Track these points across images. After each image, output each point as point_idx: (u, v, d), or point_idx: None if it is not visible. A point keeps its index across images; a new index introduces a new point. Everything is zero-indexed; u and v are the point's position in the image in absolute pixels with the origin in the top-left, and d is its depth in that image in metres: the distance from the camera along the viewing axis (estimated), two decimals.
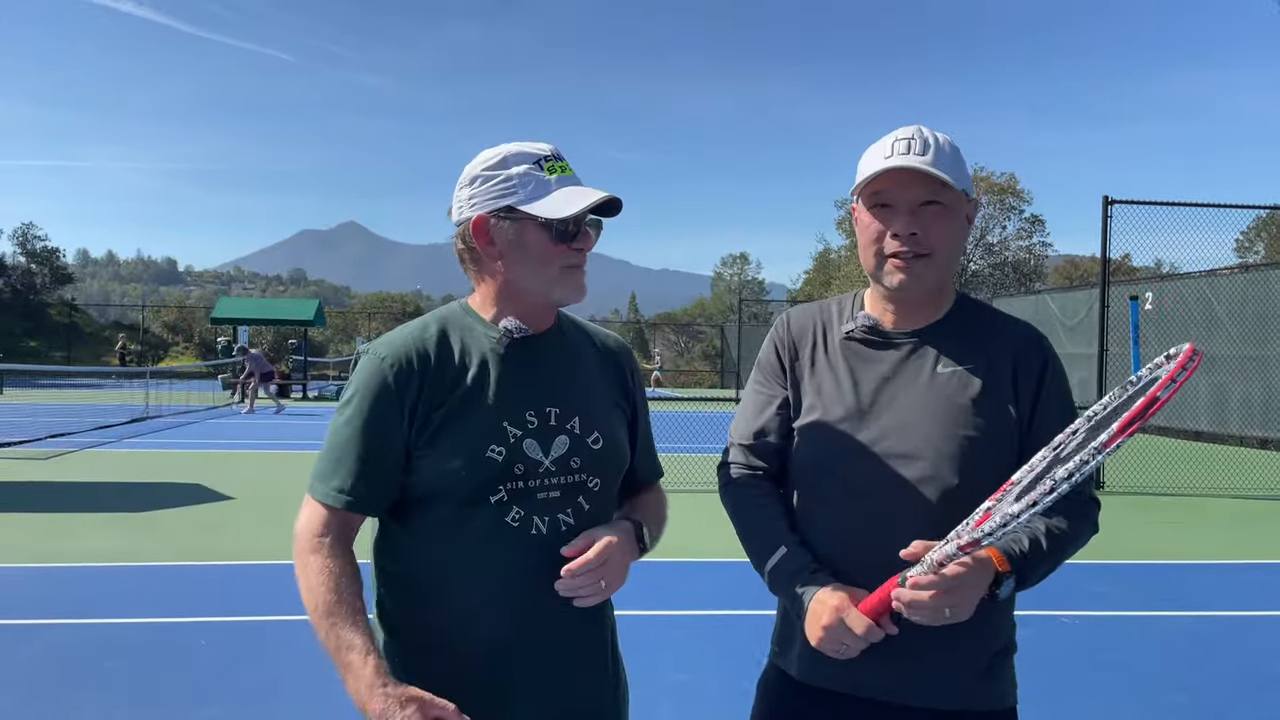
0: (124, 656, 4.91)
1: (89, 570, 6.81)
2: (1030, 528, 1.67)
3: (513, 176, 1.69)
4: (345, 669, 1.55)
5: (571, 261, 1.71)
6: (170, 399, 23.32)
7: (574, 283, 1.73)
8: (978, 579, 1.56)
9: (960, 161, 1.74)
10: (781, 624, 1.89)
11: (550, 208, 1.66)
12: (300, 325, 30.88)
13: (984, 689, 1.75)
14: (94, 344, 47.22)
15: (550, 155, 1.72)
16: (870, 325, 1.82)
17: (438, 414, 1.66)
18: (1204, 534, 9.14)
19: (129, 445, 15.01)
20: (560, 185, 1.70)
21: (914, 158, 1.69)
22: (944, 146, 1.72)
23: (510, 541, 1.66)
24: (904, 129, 1.75)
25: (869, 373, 1.79)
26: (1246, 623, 6.03)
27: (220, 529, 8.36)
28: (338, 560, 1.62)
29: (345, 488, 1.65)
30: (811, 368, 1.85)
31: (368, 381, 1.67)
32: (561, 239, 1.69)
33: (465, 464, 1.64)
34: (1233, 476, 12.65)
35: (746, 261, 77.65)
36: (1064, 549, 1.70)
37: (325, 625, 1.57)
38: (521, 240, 1.69)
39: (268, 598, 6.09)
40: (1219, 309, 18.22)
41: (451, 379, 1.69)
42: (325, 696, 4.35)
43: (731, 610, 5.98)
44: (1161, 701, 4.54)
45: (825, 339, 1.86)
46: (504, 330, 1.73)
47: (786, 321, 1.93)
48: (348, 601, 1.58)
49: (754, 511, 1.84)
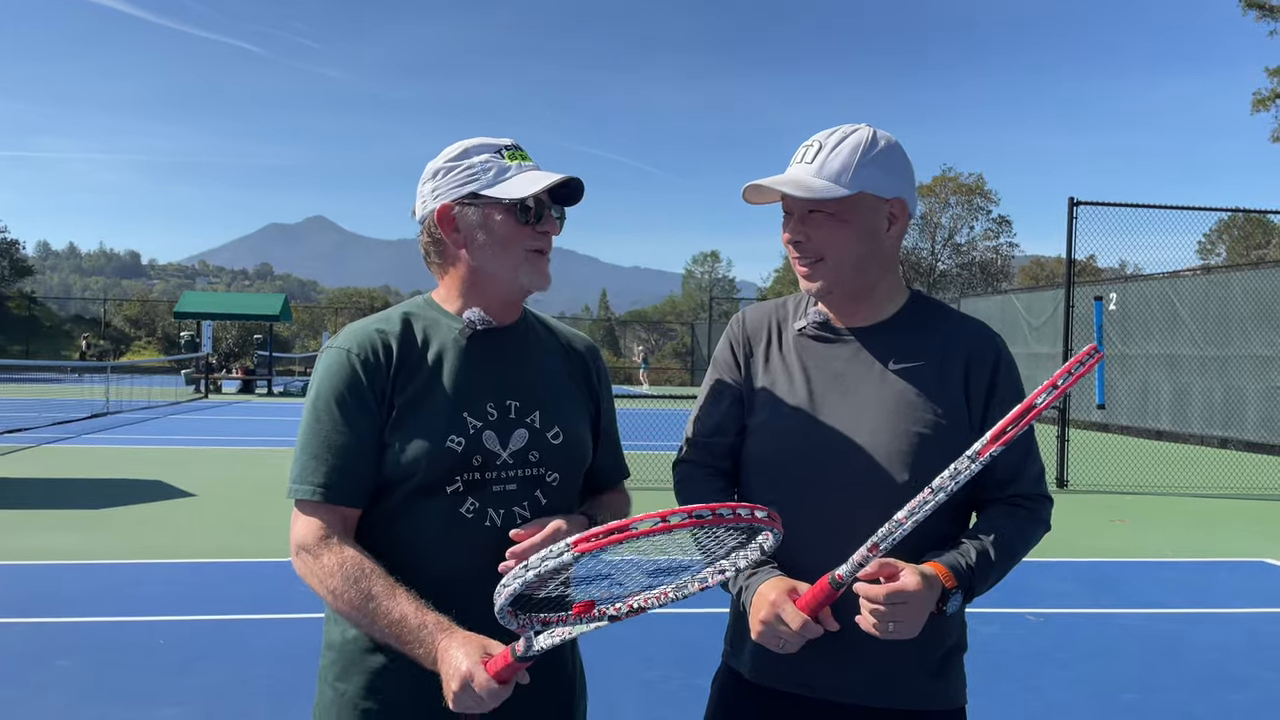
0: (80, 656, 4.82)
1: (45, 568, 6.67)
2: (978, 538, 1.68)
3: (474, 164, 1.70)
4: (407, 645, 1.55)
5: (535, 245, 1.71)
6: (132, 394, 22.96)
7: (538, 268, 1.72)
8: (923, 599, 1.56)
9: (873, 164, 1.73)
10: (734, 623, 1.89)
11: (512, 189, 1.67)
12: (266, 320, 30.56)
13: (934, 689, 1.75)
14: (54, 338, 46.44)
15: (510, 145, 1.74)
16: (821, 321, 1.83)
17: (400, 402, 1.66)
18: (1164, 532, 9.27)
19: (88, 441, 14.77)
20: (520, 170, 1.70)
21: (799, 168, 1.75)
22: (840, 152, 1.73)
23: (464, 532, 1.65)
24: (820, 133, 1.79)
25: (821, 369, 1.80)
26: (1202, 620, 6.11)
27: (180, 526, 8.24)
28: (348, 550, 1.61)
29: (326, 481, 1.63)
30: (766, 364, 1.86)
31: (335, 374, 1.66)
32: (525, 221, 1.69)
33: (425, 453, 1.63)
34: (1193, 475, 12.85)
35: (717, 259, 77.99)
36: (1014, 553, 1.70)
37: (367, 615, 1.57)
38: (486, 225, 1.69)
39: (227, 596, 6.00)
40: (1181, 310, 18.51)
41: (413, 368, 1.68)
42: (286, 697, 4.29)
43: (697, 609, 5.97)
44: (1113, 700, 4.58)
45: (780, 336, 1.88)
46: (467, 321, 1.72)
47: (742, 319, 1.95)
48: (378, 580, 1.57)
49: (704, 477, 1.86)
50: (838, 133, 1.77)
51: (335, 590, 1.58)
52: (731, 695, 1.86)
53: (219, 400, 25.84)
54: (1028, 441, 1.75)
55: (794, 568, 1.70)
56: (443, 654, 1.51)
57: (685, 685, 4.59)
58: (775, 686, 1.78)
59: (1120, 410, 19.49)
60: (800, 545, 1.69)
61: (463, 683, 1.47)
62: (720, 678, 1.92)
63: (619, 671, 4.68)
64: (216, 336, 32.27)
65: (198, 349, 28.84)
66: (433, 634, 1.53)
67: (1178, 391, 18.80)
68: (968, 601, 1.66)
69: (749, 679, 1.81)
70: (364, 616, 1.57)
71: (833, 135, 1.76)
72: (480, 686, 1.46)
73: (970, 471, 1.50)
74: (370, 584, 1.57)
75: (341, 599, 1.58)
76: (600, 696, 1.91)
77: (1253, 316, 16.76)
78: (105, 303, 54.57)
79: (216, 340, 30.54)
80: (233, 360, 36.73)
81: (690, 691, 4.45)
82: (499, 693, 1.48)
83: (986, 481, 1.74)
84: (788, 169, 1.79)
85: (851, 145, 1.74)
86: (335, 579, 1.58)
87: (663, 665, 4.88)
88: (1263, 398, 16.65)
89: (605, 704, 1.95)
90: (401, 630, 1.55)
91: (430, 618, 1.55)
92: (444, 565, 1.64)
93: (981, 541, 1.68)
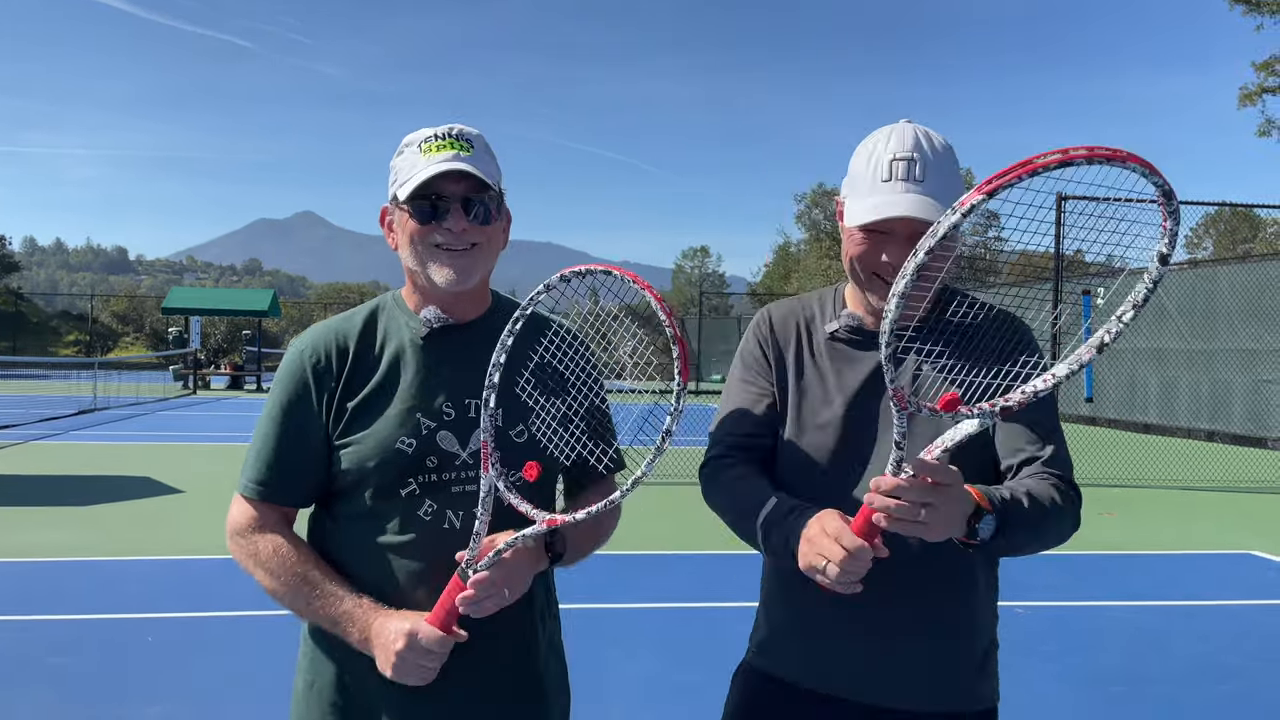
0: (69, 653, 4.79)
1: (33, 565, 6.64)
2: (1011, 487, 1.60)
3: (397, 164, 1.69)
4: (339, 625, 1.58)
5: (439, 240, 1.65)
6: (120, 390, 22.84)
7: (444, 263, 1.65)
8: (959, 493, 1.45)
9: (953, 172, 1.66)
10: (764, 624, 1.85)
11: (404, 189, 1.64)
12: (255, 316, 30.39)
13: (978, 688, 1.73)
14: (40, 334, 46.16)
15: (438, 135, 1.66)
16: (854, 325, 1.77)
17: (352, 405, 1.65)
18: (1151, 525, 9.32)
19: (76, 438, 14.69)
20: (429, 165, 1.62)
21: (913, 191, 1.61)
22: (939, 163, 1.63)
23: (422, 535, 1.63)
24: (898, 139, 1.65)
25: (853, 374, 1.75)
26: (1190, 612, 6.15)
27: (168, 523, 8.22)
28: (279, 537, 1.64)
29: (263, 479, 1.66)
30: (798, 368, 1.80)
31: (287, 374, 1.69)
32: (422, 219, 1.64)
33: (375, 455, 1.62)
34: (1181, 468, 12.91)
35: (707, 254, 77.86)
36: (1045, 518, 1.60)
37: (301, 598, 1.60)
38: (401, 225, 1.69)
39: (216, 593, 5.98)
40: (1169, 304, 18.59)
41: (368, 369, 1.68)
42: (274, 693, 4.28)
43: (682, 603, 5.98)
44: (1101, 692, 4.61)
45: (810, 338, 1.81)
46: (424, 320, 1.70)
47: (769, 318, 1.87)
48: (311, 564, 1.61)
49: (740, 483, 1.75)
50: (925, 140, 1.65)
51: (271, 571, 1.62)
52: (762, 697, 1.81)
53: (207, 396, 25.72)
54: (1052, 407, 1.68)
55: None
56: (378, 629, 1.55)
57: (669, 680, 4.59)
58: (814, 688, 1.74)
59: (1108, 404, 19.58)
60: None
61: (408, 638, 1.52)
62: (746, 680, 1.86)
63: (605, 668, 4.69)
64: (205, 332, 32.11)
65: (186, 345, 28.69)
66: (366, 614, 1.57)
67: (1165, 385, 18.89)
68: (999, 541, 1.54)
69: (786, 680, 1.77)
70: (297, 599, 1.61)
71: (920, 144, 1.64)
72: (426, 636, 1.52)
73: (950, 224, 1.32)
74: (304, 568, 1.61)
75: (276, 580, 1.62)
76: (586, 693, 1.90)
77: (1239, 310, 16.85)
78: (93, 299, 54.21)
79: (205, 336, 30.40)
80: (221, 356, 36.58)
81: (676, 687, 4.45)
82: (445, 641, 1.54)
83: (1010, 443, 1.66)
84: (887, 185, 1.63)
85: (948, 158, 1.65)
86: (271, 562, 1.62)
87: (647, 660, 4.88)
88: (1249, 391, 16.75)
89: (591, 700, 1.94)
90: (334, 611, 1.58)
91: (365, 600, 1.59)
92: (405, 568, 1.63)
93: (1012, 490, 1.59)
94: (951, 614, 1.71)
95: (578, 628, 1.97)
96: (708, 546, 7.32)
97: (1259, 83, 30.27)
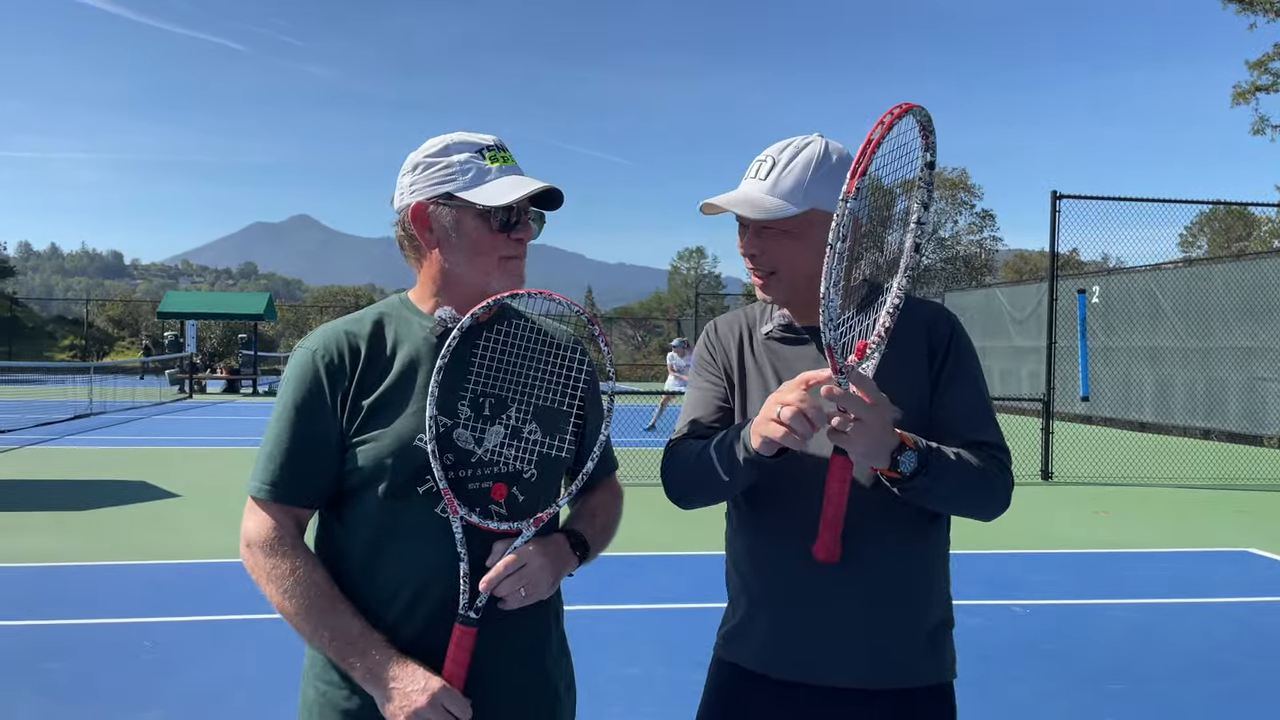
0: (66, 658, 4.78)
1: (29, 570, 6.63)
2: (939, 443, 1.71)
3: (453, 164, 1.68)
4: (347, 656, 1.58)
5: (509, 252, 1.70)
6: (116, 395, 22.79)
7: (511, 273, 1.71)
8: (883, 416, 1.56)
9: (825, 180, 1.75)
10: (729, 617, 1.92)
11: (488, 195, 1.65)
12: (250, 319, 30.38)
13: (926, 665, 1.79)
14: (36, 339, 46.09)
15: (493, 145, 1.72)
16: (785, 324, 1.89)
17: (367, 403, 1.65)
18: (1148, 523, 9.34)
19: (72, 442, 14.66)
20: (502, 174, 1.69)
21: (752, 184, 1.78)
22: (792, 169, 1.76)
23: (439, 532, 1.64)
24: (773, 147, 1.81)
25: (789, 369, 1.83)
26: (1187, 610, 6.16)
27: (165, 527, 8.20)
28: (298, 558, 1.63)
29: (275, 479, 1.65)
30: (741, 370, 1.92)
31: (299, 374, 1.67)
32: (500, 228, 1.68)
33: (392, 453, 1.63)
34: (1177, 466, 12.94)
35: (703, 255, 77.86)
36: (969, 473, 1.69)
37: (310, 621, 1.60)
38: (459, 228, 1.68)
39: (214, 597, 5.97)
40: (1164, 302, 18.63)
41: (382, 369, 1.68)
42: (273, 697, 4.27)
43: (681, 604, 5.98)
44: (1099, 690, 4.61)
45: (750, 341, 1.94)
46: (438, 320, 1.71)
47: (714, 327, 2.01)
48: (325, 590, 1.61)
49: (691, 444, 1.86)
50: (790, 147, 1.80)
51: (286, 591, 1.61)
52: (730, 688, 1.87)
53: (203, 400, 25.69)
54: (978, 384, 1.80)
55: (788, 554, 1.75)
56: (396, 674, 1.56)
57: (668, 681, 4.59)
58: (776, 676, 1.80)
59: (1104, 402, 19.60)
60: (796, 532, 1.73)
61: (431, 699, 1.54)
62: (715, 672, 1.93)
63: (602, 668, 4.69)
64: (201, 336, 32.08)
65: (181, 349, 28.64)
66: (380, 653, 1.58)
67: (1161, 383, 18.92)
68: (923, 481, 1.62)
69: (750, 670, 1.84)
70: (307, 622, 1.60)
71: (785, 150, 1.79)
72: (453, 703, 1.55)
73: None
74: (320, 593, 1.61)
75: (290, 600, 1.61)
76: (586, 693, 1.91)
77: (1234, 308, 16.88)
78: (88, 303, 54.13)
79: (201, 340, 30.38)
80: (217, 360, 36.53)
81: (673, 687, 4.46)
82: (467, 708, 1.57)
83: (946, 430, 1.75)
84: (741, 184, 1.82)
85: (804, 162, 1.78)
86: (287, 581, 1.61)
87: (646, 661, 4.88)
88: (1244, 389, 16.78)
89: (591, 701, 1.95)
90: (344, 639, 1.59)
91: (376, 636, 1.60)
92: (422, 566, 1.64)
93: (939, 445, 1.69)
94: (890, 582, 1.76)
95: (578, 628, 1.98)
96: (708, 547, 7.32)
97: (1252, 80, 30.34)
